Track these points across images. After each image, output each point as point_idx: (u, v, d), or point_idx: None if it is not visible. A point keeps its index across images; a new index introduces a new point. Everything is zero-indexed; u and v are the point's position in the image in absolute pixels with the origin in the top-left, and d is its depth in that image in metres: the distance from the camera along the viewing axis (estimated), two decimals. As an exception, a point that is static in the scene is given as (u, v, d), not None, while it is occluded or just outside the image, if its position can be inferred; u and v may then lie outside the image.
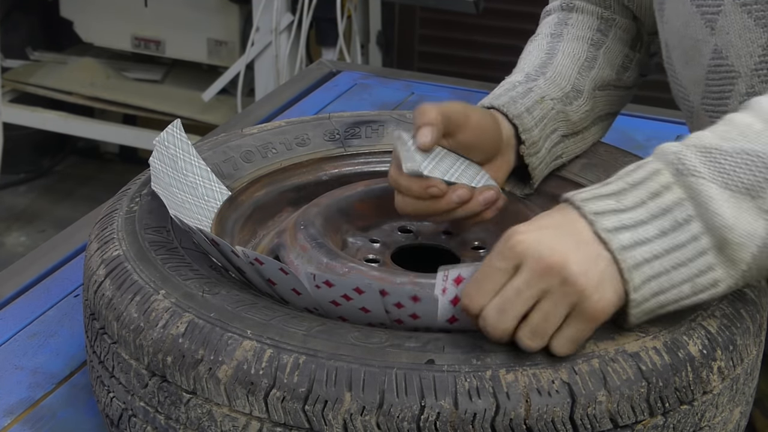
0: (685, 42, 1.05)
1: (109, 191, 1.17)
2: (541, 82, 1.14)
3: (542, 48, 1.20)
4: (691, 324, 0.86)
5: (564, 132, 1.14)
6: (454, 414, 0.77)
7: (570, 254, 0.78)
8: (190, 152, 1.09)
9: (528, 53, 1.21)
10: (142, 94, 3.51)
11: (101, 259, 0.94)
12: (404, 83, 1.91)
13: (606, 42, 1.19)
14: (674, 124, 1.70)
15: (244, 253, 0.85)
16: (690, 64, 1.05)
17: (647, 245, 0.80)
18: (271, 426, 0.80)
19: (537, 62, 1.18)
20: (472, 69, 3.22)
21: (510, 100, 1.11)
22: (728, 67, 1.01)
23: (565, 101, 1.14)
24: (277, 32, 3.08)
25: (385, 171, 1.18)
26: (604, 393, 0.79)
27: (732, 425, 0.90)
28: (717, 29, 1.00)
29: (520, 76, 1.16)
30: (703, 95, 1.05)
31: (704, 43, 1.02)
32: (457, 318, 0.84)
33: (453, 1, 2.93)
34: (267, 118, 1.73)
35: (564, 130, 1.14)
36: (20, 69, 3.66)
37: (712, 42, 1.01)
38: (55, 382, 1.07)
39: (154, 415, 0.85)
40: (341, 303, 0.84)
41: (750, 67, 0.99)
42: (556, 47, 1.19)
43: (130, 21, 3.50)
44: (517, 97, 1.11)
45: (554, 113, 1.13)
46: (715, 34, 1.00)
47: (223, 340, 0.82)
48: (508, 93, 1.12)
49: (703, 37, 1.02)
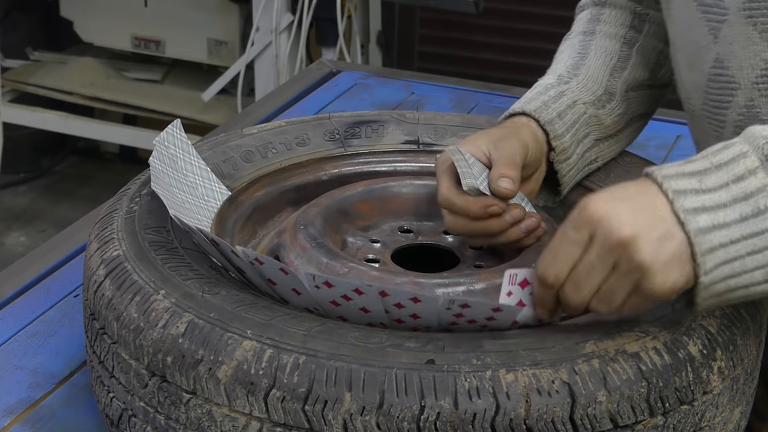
0: (689, 46, 1.03)
1: (109, 191, 1.17)
2: (573, 84, 1.13)
3: (575, 47, 1.18)
4: (691, 324, 0.86)
5: (597, 136, 1.13)
6: (454, 414, 0.77)
7: (642, 231, 0.79)
8: (190, 152, 1.09)
9: (561, 53, 1.19)
10: (142, 94, 3.51)
11: (101, 259, 0.94)
12: (404, 83, 1.91)
13: (639, 39, 1.17)
14: (674, 124, 1.70)
15: (245, 252, 0.85)
16: (691, 69, 1.04)
17: (725, 230, 0.79)
18: (271, 426, 0.80)
19: (569, 63, 1.16)
20: (472, 69, 3.22)
21: (542, 104, 1.10)
22: (728, 78, 0.99)
23: (597, 105, 1.13)
24: (277, 32, 3.07)
25: (386, 171, 1.19)
26: (604, 393, 0.79)
27: (732, 425, 0.90)
28: (720, 38, 0.98)
29: (553, 78, 1.15)
30: (703, 101, 1.03)
31: (706, 50, 1.00)
32: (458, 323, 0.84)
33: (453, 1, 2.92)
34: (267, 118, 1.73)
35: (597, 134, 1.13)
36: (20, 69, 3.65)
37: (714, 50, 0.99)
38: (55, 382, 1.07)
39: (154, 415, 0.85)
40: (341, 303, 0.84)
41: (751, 80, 0.97)
42: (588, 46, 1.17)
43: (130, 21, 3.50)
44: (549, 102, 1.10)
45: (586, 117, 1.12)
46: (718, 43, 0.98)
47: (223, 340, 0.82)
48: (540, 97, 1.11)
49: (705, 44, 1.00)
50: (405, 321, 0.84)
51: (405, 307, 0.83)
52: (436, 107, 1.77)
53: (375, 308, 0.83)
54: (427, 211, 1.12)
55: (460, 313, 0.83)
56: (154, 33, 3.50)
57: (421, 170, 1.19)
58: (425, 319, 0.84)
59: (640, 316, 0.86)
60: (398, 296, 0.82)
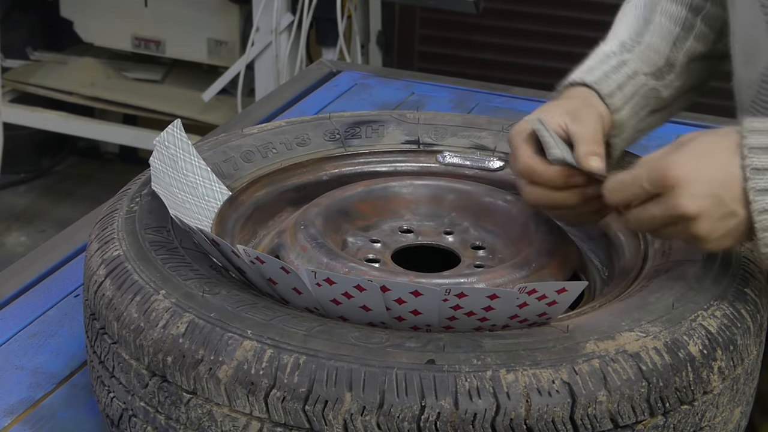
0: (747, 42, 1.02)
1: (109, 191, 1.17)
2: (635, 54, 1.11)
3: (639, 10, 1.14)
4: (692, 324, 0.86)
5: (653, 107, 1.12)
6: (454, 414, 0.77)
7: (707, 211, 0.86)
8: (190, 152, 1.09)
9: (624, 15, 1.16)
10: (142, 94, 3.51)
11: (101, 259, 0.94)
12: (404, 83, 1.91)
13: (706, 6, 1.14)
14: (674, 124, 1.70)
15: (245, 251, 0.85)
16: (747, 65, 1.03)
17: None
18: (271, 426, 0.80)
19: (632, 29, 1.13)
20: (472, 69, 3.22)
21: (603, 75, 1.08)
22: None
23: (657, 75, 1.11)
24: (277, 32, 3.07)
25: (386, 171, 1.19)
26: (605, 393, 0.79)
27: (732, 425, 0.90)
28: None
29: (615, 44, 1.12)
30: (753, 98, 1.02)
31: (765, 49, 0.99)
32: (456, 317, 0.84)
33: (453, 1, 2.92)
34: (267, 118, 1.73)
35: (653, 106, 1.12)
36: (20, 69, 3.65)
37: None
38: (55, 382, 1.07)
39: (155, 415, 0.85)
40: (342, 301, 0.84)
41: None
42: (654, 10, 1.13)
43: (130, 21, 3.50)
44: (610, 72, 1.08)
45: (646, 90, 1.10)
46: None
47: (224, 340, 0.82)
48: (601, 66, 1.09)
49: (764, 43, 0.99)
50: (405, 318, 0.84)
51: (406, 303, 0.83)
52: (436, 107, 1.77)
53: (376, 305, 0.83)
54: (427, 211, 1.12)
55: (458, 305, 0.83)
56: (154, 33, 3.50)
57: (421, 170, 1.19)
58: (426, 314, 0.84)
59: None
60: (399, 291, 0.82)
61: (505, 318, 0.85)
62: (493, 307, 0.83)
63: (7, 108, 3.48)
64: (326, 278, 0.83)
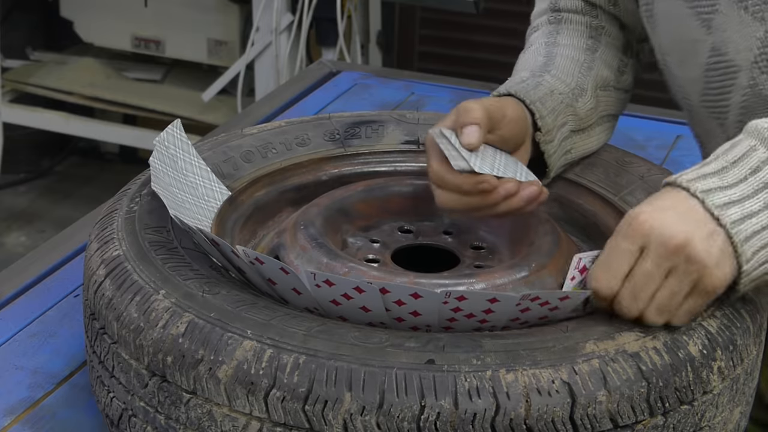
0: (680, 44, 1.07)
1: (109, 191, 1.17)
2: (547, 77, 1.14)
3: (540, 53, 1.19)
4: (691, 324, 0.86)
5: (573, 127, 1.14)
6: (454, 414, 0.77)
7: (692, 234, 0.83)
8: (190, 152, 1.09)
9: (525, 60, 1.20)
10: (142, 94, 3.51)
11: (101, 259, 0.94)
12: (404, 83, 1.91)
13: (599, 47, 1.19)
14: (674, 124, 1.70)
15: (245, 252, 0.85)
16: (685, 65, 1.07)
17: (755, 217, 0.84)
18: (271, 426, 0.80)
19: (538, 64, 1.17)
20: (472, 69, 3.22)
21: (525, 88, 1.10)
22: (728, 63, 1.03)
23: (571, 96, 1.14)
24: (277, 32, 3.07)
25: (386, 171, 1.19)
26: (604, 393, 0.79)
27: (732, 425, 0.90)
28: (714, 27, 1.02)
29: (525, 74, 1.15)
30: (702, 93, 1.07)
31: (701, 42, 1.04)
32: (456, 319, 0.84)
33: (453, 1, 2.92)
34: (267, 118, 1.73)
35: (573, 125, 1.13)
36: (20, 69, 3.65)
37: (709, 41, 1.03)
38: (55, 382, 1.07)
39: (154, 415, 0.85)
40: (341, 302, 0.84)
41: (750, 60, 1.01)
42: (553, 51, 1.18)
43: (130, 21, 3.50)
44: (529, 88, 1.11)
45: (563, 107, 1.12)
46: (712, 33, 1.03)
47: (223, 340, 0.82)
48: (520, 84, 1.11)
49: (700, 37, 1.04)
50: (405, 319, 0.84)
51: (405, 304, 0.83)
52: (436, 107, 1.77)
53: (375, 306, 0.83)
54: (427, 211, 1.11)
55: (458, 307, 0.83)
56: (154, 33, 3.50)
57: (421, 170, 1.19)
58: (425, 316, 0.84)
59: None
60: (399, 293, 0.82)
61: (505, 320, 0.85)
62: (493, 310, 0.84)
63: (7, 108, 3.48)
64: (325, 280, 0.83)
